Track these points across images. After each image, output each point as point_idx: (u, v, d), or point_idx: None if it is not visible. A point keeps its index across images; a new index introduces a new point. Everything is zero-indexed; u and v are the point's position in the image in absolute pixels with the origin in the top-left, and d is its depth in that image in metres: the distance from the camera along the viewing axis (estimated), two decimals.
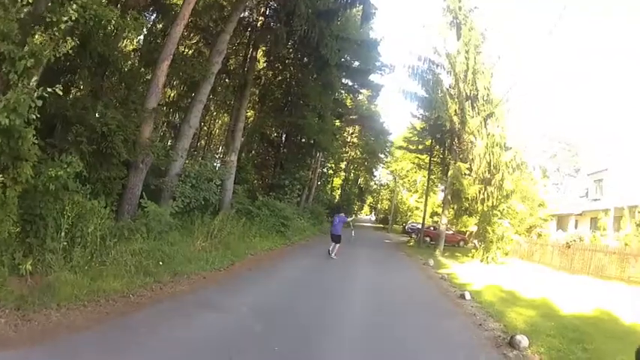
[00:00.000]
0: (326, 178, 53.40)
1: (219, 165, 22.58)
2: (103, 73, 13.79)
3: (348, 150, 56.82)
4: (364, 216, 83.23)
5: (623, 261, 19.90)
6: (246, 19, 23.67)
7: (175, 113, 23.78)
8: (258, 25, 23.59)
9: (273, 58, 28.16)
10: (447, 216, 28.63)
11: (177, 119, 23.16)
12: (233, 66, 25.55)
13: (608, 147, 36.28)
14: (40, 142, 7.33)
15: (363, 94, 47.84)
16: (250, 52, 24.39)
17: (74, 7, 7.72)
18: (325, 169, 50.71)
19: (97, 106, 11.11)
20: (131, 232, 10.38)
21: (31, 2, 7.53)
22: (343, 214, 20.43)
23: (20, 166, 6.98)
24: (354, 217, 31.38)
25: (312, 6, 19.72)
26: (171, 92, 23.76)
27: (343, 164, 59.30)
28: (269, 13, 23.60)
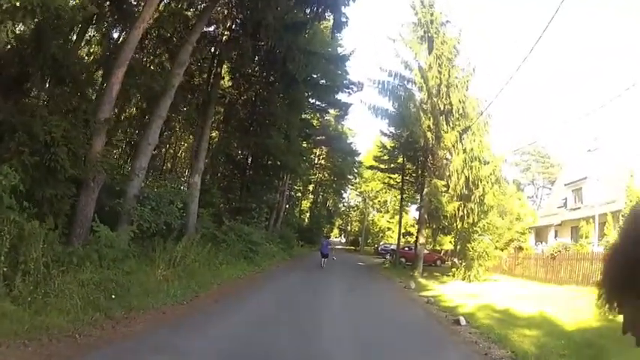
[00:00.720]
0: (294, 201, 52.51)
1: (183, 187, 21.22)
2: (58, 80, 12.37)
3: (316, 172, 56.06)
4: (334, 238, 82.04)
5: None
6: (211, 34, 22.56)
7: (135, 131, 22.21)
8: (224, 40, 22.43)
9: (239, 76, 27.05)
10: (424, 235, 27.53)
11: (137, 137, 21.67)
12: (197, 82, 24.29)
13: (584, 156, 36.27)
14: None
15: (331, 114, 47.36)
16: (215, 68, 23.19)
17: None
18: (293, 192, 49.80)
19: (41, 112, 9.75)
20: (81, 260, 8.89)
21: None
22: (328, 239, 32.45)
23: None
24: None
25: (280, 18, 18.75)
26: (130, 109, 22.28)
27: (311, 187, 58.48)
28: (235, 28, 22.49)
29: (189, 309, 9.89)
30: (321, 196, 64.44)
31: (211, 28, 22.35)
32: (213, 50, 23.18)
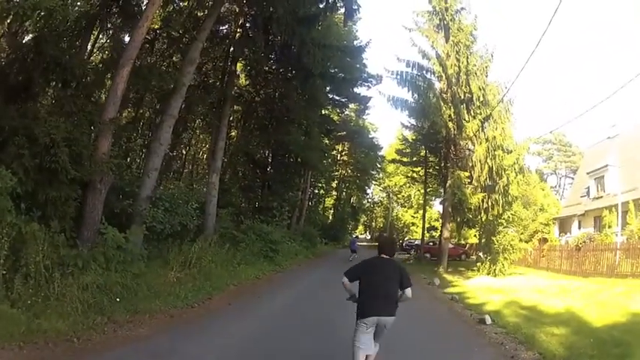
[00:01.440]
0: (317, 199, 52.19)
1: (202, 187, 21.04)
2: (62, 83, 12.22)
3: (338, 168, 55.66)
4: (359, 235, 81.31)
5: (637, 256, 18.81)
6: (223, 32, 22.45)
7: (149, 133, 22.11)
8: (236, 37, 22.19)
9: (255, 73, 26.83)
10: (448, 229, 27.06)
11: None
12: (212, 81, 24.15)
13: (604, 143, 35.28)
14: None
15: (351, 108, 46.97)
16: (229, 66, 22.97)
17: None
18: (316, 190, 49.47)
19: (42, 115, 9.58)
20: (86, 263, 8.65)
21: None
22: (357, 237, 38.62)
23: None
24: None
25: (291, 11, 18.35)
26: (144, 110, 22.19)
27: (334, 183, 58.06)
28: (247, 25, 22.22)
29: (198, 312, 9.50)
30: (344, 193, 63.87)
31: (223, 27, 22.26)
32: (226, 49, 22.96)
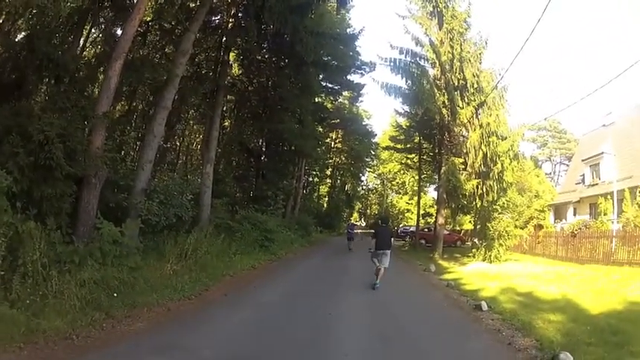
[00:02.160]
0: (312, 187, 52.29)
1: (197, 178, 21.01)
2: (55, 79, 12.18)
3: (332, 156, 55.70)
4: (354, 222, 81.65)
5: (634, 244, 18.95)
6: (215, 22, 22.32)
7: (143, 125, 22.06)
8: (229, 27, 22.08)
9: (248, 63, 26.70)
10: (443, 215, 27.22)
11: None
12: (205, 72, 24.05)
13: (600, 131, 35.54)
14: None
15: (344, 96, 46.91)
16: (222, 56, 22.87)
17: None
18: (310, 177, 49.56)
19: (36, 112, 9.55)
20: (83, 258, 8.67)
21: None
22: (353, 224, 37.15)
23: None
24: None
25: (284, 0, 18.26)
26: (137, 103, 22.08)
27: (329, 171, 58.09)
28: (239, 14, 22.10)
29: (196, 303, 9.57)
30: (339, 181, 63.92)
31: (216, 17, 22.15)
32: (219, 39, 22.85)
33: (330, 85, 36.82)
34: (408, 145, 39.25)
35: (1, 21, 10.59)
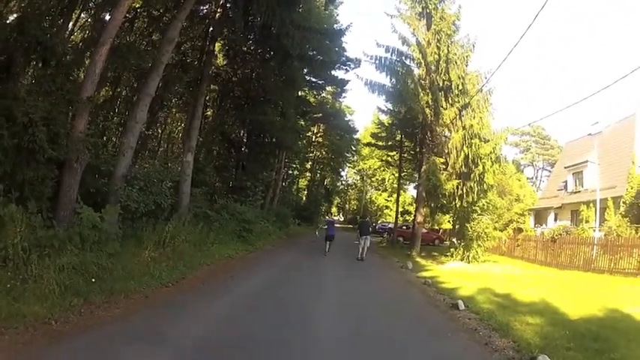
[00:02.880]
0: (291, 179, 52.28)
1: (177, 166, 20.94)
2: (43, 62, 12.08)
3: (313, 150, 55.75)
4: (332, 217, 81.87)
5: (615, 253, 19.29)
6: (203, 11, 22.22)
7: (127, 112, 21.91)
8: (216, 17, 22.01)
9: (233, 54, 26.63)
10: (422, 214, 27.37)
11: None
12: (190, 61, 23.97)
13: (585, 139, 36.20)
14: None
15: (328, 91, 47.02)
16: (207, 45, 22.79)
17: None
18: (290, 170, 49.57)
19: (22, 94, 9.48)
20: (62, 243, 8.68)
21: None
22: (333, 220, 28.31)
23: None
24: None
25: None
26: (121, 89, 21.91)
27: (309, 165, 58.18)
28: (228, 5, 22.01)
29: (173, 291, 9.66)
30: (318, 175, 64.14)
31: (204, 7, 22.03)
32: (205, 28, 22.77)
33: (314, 79, 36.80)
34: (390, 142, 39.42)
35: None
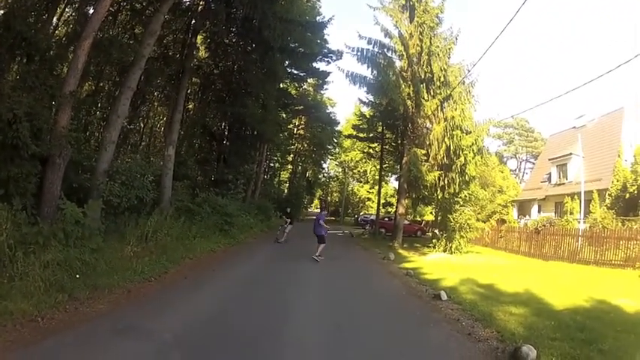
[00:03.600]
0: (273, 172, 52.19)
1: (159, 160, 20.85)
2: (28, 57, 11.99)
3: (294, 142, 55.70)
4: (314, 210, 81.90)
5: (601, 244, 19.51)
6: (186, 4, 22.07)
7: (109, 106, 21.72)
8: (199, 9, 21.90)
9: (215, 46, 26.52)
10: (404, 205, 27.34)
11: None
12: (172, 53, 23.82)
13: (569, 132, 36.70)
14: None
15: (309, 83, 46.96)
16: (190, 38, 22.67)
17: None
18: (272, 163, 49.50)
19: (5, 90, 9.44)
20: (47, 239, 8.72)
21: None
22: (322, 212, 19.69)
23: None
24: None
25: None
26: (104, 83, 21.70)
27: (290, 157, 58.11)
28: None
29: (156, 286, 9.73)
30: (300, 167, 63.97)
31: None
32: (188, 21, 22.65)
33: (295, 71, 36.70)
34: (371, 134, 39.33)
35: None
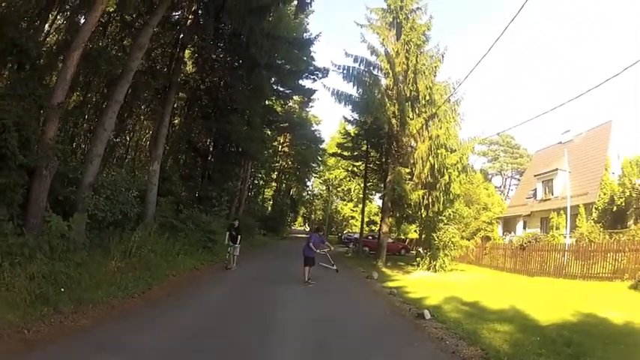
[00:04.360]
0: (257, 189, 52.01)
1: (144, 175, 20.63)
2: (19, 65, 11.86)
3: (279, 160, 55.63)
4: (297, 227, 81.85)
5: (588, 258, 19.51)
6: (175, 18, 22.08)
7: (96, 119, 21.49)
8: (187, 24, 21.90)
9: (202, 61, 26.47)
10: (387, 224, 27.23)
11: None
12: (159, 67, 23.69)
13: (555, 148, 37.17)
14: None
15: (295, 100, 47.05)
16: (177, 52, 22.63)
17: None
18: (256, 180, 49.34)
19: None
20: (32, 251, 8.56)
21: None
22: (317, 235, 17.62)
23: None
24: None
25: (245, 0, 18.28)
26: (92, 95, 21.48)
27: (275, 175, 58.03)
28: (200, 12, 21.90)
29: (140, 302, 9.68)
30: (284, 184, 63.90)
31: (176, 13, 21.92)
32: (176, 35, 22.61)
33: (281, 88, 36.81)
34: (355, 152, 39.44)
35: None
